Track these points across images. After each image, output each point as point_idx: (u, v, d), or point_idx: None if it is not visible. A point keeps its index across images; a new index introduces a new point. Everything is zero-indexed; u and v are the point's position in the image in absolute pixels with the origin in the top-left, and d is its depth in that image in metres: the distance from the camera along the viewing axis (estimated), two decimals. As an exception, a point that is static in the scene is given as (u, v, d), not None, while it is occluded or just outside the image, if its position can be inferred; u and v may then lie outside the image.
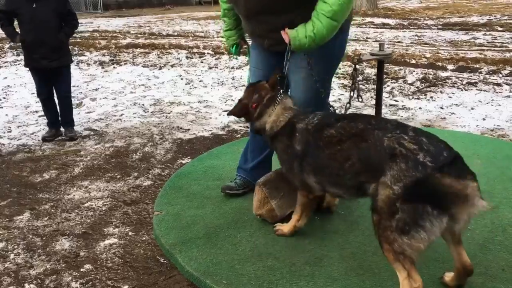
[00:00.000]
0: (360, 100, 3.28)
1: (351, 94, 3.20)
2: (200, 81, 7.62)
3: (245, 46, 3.48)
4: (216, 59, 9.17)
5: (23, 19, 4.81)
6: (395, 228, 2.09)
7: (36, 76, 4.97)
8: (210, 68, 8.51)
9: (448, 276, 2.45)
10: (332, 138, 2.43)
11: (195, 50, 10.16)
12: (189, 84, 7.48)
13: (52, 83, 5.01)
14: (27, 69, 5.13)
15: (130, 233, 3.16)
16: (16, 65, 9.03)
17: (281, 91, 2.85)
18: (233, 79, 7.65)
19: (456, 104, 5.95)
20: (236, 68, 8.31)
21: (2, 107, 6.38)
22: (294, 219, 2.90)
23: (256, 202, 3.07)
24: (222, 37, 3.45)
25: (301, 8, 2.73)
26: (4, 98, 6.85)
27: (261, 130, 2.89)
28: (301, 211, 2.86)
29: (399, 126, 2.28)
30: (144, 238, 3.09)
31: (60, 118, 5.15)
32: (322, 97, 2.98)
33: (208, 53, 9.75)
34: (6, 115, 6.01)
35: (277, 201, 3.03)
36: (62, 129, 5.17)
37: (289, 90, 3.07)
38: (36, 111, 6.06)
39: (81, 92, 6.98)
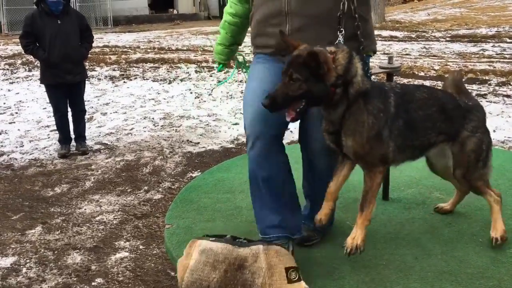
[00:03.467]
0: None
1: None
2: (209, 94, 7.67)
3: (234, 64, 3.33)
4: (225, 72, 9.19)
5: (47, 36, 4.84)
6: (482, 165, 2.76)
7: (56, 93, 5.01)
8: (219, 81, 8.56)
9: (444, 204, 3.25)
10: (426, 100, 2.62)
11: (204, 64, 10.24)
12: (198, 98, 7.53)
13: (70, 98, 5.09)
14: (41, 85, 5.18)
15: (141, 247, 3.18)
16: (28, 80, 9.16)
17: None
18: (242, 92, 7.68)
19: (466, 116, 5.93)
20: (245, 82, 8.35)
21: (14, 122, 6.47)
22: (370, 210, 2.50)
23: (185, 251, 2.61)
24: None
25: None
26: (16, 113, 6.94)
27: (344, 85, 2.33)
28: (374, 196, 2.50)
29: (447, 93, 2.79)
30: (154, 252, 3.10)
31: (73, 133, 5.21)
32: None
33: (217, 67, 9.80)
34: (18, 129, 6.08)
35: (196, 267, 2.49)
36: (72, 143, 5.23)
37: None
38: (48, 126, 6.13)
39: (92, 107, 7.05)
